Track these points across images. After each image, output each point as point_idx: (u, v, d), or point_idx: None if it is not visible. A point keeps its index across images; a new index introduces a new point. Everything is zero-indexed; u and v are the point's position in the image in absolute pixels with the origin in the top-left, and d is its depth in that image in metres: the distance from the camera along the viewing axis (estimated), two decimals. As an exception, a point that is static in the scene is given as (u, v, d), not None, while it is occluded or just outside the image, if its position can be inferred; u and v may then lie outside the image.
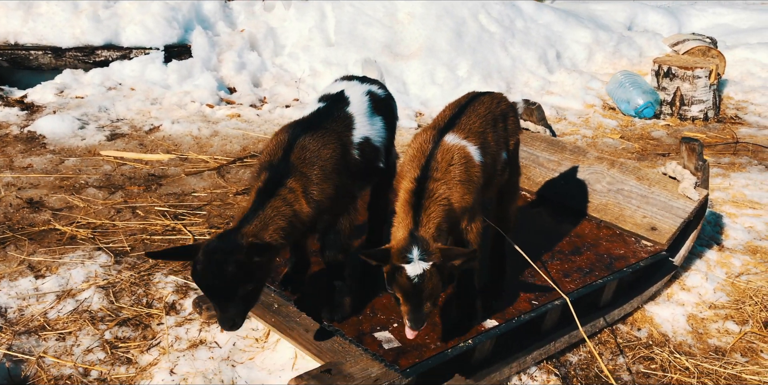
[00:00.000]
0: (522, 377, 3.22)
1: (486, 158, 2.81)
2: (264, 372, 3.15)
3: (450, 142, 2.71)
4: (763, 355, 3.54)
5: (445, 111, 2.96)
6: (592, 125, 7.03)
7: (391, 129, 3.10)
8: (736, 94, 8.03)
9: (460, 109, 2.90)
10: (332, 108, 2.83)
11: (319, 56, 7.46)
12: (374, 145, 2.92)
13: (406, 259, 2.40)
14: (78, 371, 3.13)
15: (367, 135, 2.87)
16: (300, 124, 2.72)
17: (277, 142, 2.65)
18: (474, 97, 3.00)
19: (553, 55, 8.20)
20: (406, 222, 2.52)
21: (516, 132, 3.12)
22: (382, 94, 3.08)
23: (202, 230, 4.38)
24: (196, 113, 6.46)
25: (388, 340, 2.67)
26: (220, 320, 2.42)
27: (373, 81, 3.13)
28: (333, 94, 2.89)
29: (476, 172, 2.75)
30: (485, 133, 2.85)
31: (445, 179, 2.61)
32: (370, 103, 2.93)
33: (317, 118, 2.76)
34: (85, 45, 6.96)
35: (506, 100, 3.08)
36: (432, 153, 2.65)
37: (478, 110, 2.91)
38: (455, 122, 2.81)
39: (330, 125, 2.74)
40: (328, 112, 2.81)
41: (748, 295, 3.99)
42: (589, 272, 3.29)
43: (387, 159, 3.09)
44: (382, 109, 3.00)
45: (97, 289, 3.69)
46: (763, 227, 4.79)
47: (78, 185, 4.99)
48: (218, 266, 2.33)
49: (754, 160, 6.23)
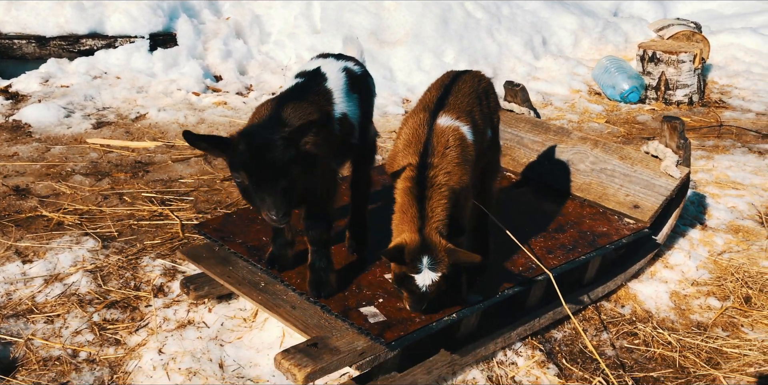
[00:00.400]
0: (507, 353, 3.27)
1: (477, 137, 2.85)
2: (252, 351, 3.18)
3: (443, 125, 2.73)
4: (744, 329, 3.60)
5: (431, 91, 2.97)
6: (578, 110, 7.07)
7: (369, 106, 3.12)
8: (720, 79, 8.10)
9: (446, 89, 2.91)
10: (311, 83, 2.84)
11: (305, 44, 7.46)
12: (351, 121, 2.94)
13: (416, 269, 2.49)
14: (66, 353, 3.15)
15: (345, 111, 2.89)
16: (281, 98, 2.73)
17: (259, 116, 2.67)
18: (456, 76, 3.02)
19: (539, 41, 8.23)
20: (410, 214, 2.56)
21: (497, 109, 3.15)
22: (359, 70, 3.10)
23: (189, 216, 4.39)
24: (182, 101, 6.45)
25: (373, 314, 2.70)
26: (271, 207, 2.33)
27: (349, 58, 3.14)
28: (310, 71, 2.91)
29: (471, 152, 2.79)
30: (473, 112, 2.89)
31: (443, 165, 2.64)
32: (347, 79, 2.95)
33: (298, 92, 2.77)
34: (70, 34, 6.92)
35: (486, 78, 3.11)
36: (428, 137, 2.67)
37: (463, 89, 2.94)
38: (444, 103, 2.83)
39: (311, 98, 2.76)
40: (307, 86, 2.82)
41: (730, 272, 4.05)
42: (572, 249, 3.33)
43: (365, 136, 3.10)
44: (359, 86, 3.02)
45: (84, 273, 3.70)
46: (745, 206, 4.85)
47: (65, 173, 4.98)
48: (269, 144, 2.31)
49: (737, 143, 6.29)
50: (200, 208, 4.52)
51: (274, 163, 2.33)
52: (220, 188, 4.84)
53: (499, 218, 3.35)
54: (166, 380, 2.98)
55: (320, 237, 2.81)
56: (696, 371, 3.28)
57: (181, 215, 4.40)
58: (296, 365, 2.45)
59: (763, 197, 5.02)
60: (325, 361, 2.48)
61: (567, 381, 3.16)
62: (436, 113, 2.77)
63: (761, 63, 8.38)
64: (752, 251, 4.28)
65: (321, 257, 2.81)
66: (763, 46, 8.49)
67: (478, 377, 3.11)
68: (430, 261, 2.50)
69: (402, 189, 2.62)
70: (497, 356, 3.24)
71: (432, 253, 2.50)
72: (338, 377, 3.01)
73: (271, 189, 2.34)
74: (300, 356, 2.49)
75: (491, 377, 3.14)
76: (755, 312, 3.71)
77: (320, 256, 2.81)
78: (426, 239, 2.51)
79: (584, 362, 3.31)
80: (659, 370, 3.29)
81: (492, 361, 3.21)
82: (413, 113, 2.84)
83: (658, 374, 3.26)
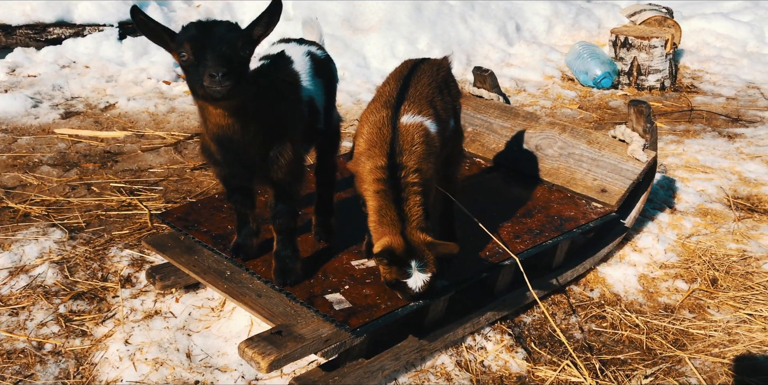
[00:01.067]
0: (476, 337, 3.28)
1: (440, 128, 2.82)
2: (220, 340, 3.16)
3: (407, 122, 2.69)
4: (710, 311, 3.65)
5: (389, 84, 2.89)
6: (551, 96, 7.09)
7: (332, 91, 3.09)
8: (692, 64, 8.15)
9: (405, 81, 2.86)
10: (277, 65, 2.81)
11: (278, 31, 7.35)
12: (317, 106, 2.91)
13: (406, 274, 2.53)
14: (32, 345, 3.11)
15: (312, 95, 2.87)
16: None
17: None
18: (414, 66, 2.96)
19: (512, 27, 8.22)
20: (390, 217, 2.57)
21: (458, 96, 3.13)
22: (322, 55, 3.07)
23: (158, 205, 4.35)
24: (153, 90, 6.37)
25: (339, 301, 2.70)
26: (214, 64, 2.18)
27: (312, 43, 3.11)
28: (274, 54, 2.87)
29: (435, 144, 2.78)
30: (435, 103, 2.85)
31: (411, 163, 2.63)
32: (311, 63, 2.92)
33: (264, 75, 2.74)
34: (37, 22, 6.80)
35: (444, 65, 3.06)
36: (393, 137, 2.64)
37: (423, 80, 2.88)
38: (404, 96, 2.78)
39: (279, 81, 2.73)
40: (273, 68, 2.78)
41: (697, 254, 4.09)
42: (539, 233, 3.34)
43: (329, 121, 3.08)
44: (322, 71, 2.99)
45: (51, 264, 3.66)
46: (714, 190, 4.90)
47: (32, 164, 4.91)
48: (219, 22, 2.30)
49: (708, 127, 6.34)
50: (169, 197, 4.48)
51: (223, 35, 2.25)
52: (190, 178, 4.79)
53: (468, 203, 3.35)
54: (133, 371, 2.95)
55: (286, 225, 2.79)
56: (662, 353, 3.32)
57: (150, 204, 4.36)
58: (260, 353, 2.44)
59: (732, 180, 5.07)
60: (290, 349, 2.47)
61: (535, 365, 3.18)
62: (398, 109, 2.72)
63: (732, 48, 8.44)
64: (720, 234, 4.33)
65: (287, 245, 2.80)
66: (733, 31, 8.55)
67: (447, 362, 3.12)
68: (419, 264, 2.54)
69: (375, 192, 2.61)
70: (466, 340, 3.25)
71: (419, 255, 2.53)
72: (306, 365, 3.01)
73: (215, 51, 2.22)
74: (264, 344, 2.48)
75: (460, 362, 3.15)
76: (721, 294, 3.75)
77: (286, 244, 2.79)
78: (409, 240, 2.54)
79: (553, 346, 3.33)
80: (627, 352, 3.32)
81: (461, 346, 3.22)
82: (374, 110, 2.78)
83: (626, 356, 3.29)
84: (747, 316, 3.57)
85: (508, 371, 3.14)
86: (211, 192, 4.52)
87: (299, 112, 2.78)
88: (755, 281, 3.86)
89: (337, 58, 7.34)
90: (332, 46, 7.20)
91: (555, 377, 3.10)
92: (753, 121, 6.54)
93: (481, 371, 3.12)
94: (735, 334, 3.45)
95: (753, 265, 4.02)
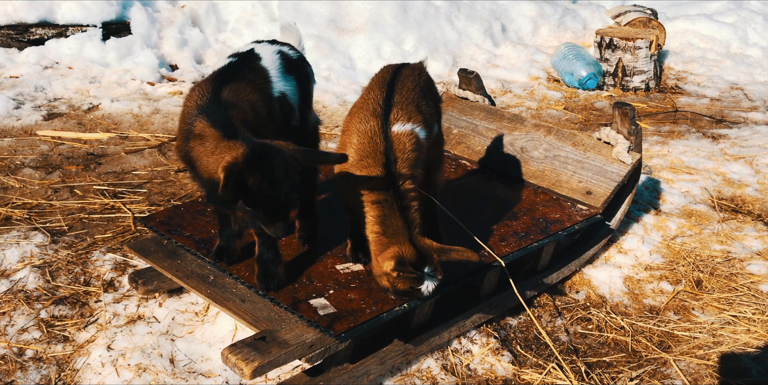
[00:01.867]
0: (462, 341, 3.27)
1: (427, 133, 2.85)
2: (204, 345, 3.14)
3: (399, 131, 2.71)
4: (695, 312, 3.66)
5: (373, 91, 2.87)
6: (537, 97, 7.10)
7: (306, 90, 3.06)
8: (676, 65, 8.19)
9: (389, 87, 2.84)
10: (245, 62, 2.80)
11: (263, 32, 7.35)
12: (290, 102, 2.89)
13: (420, 280, 2.56)
14: (12, 351, 3.07)
15: (284, 90, 2.85)
16: (217, 78, 2.68)
17: (198, 94, 2.60)
18: (396, 71, 2.94)
19: (498, 28, 8.23)
20: (396, 226, 2.60)
21: (440, 100, 3.13)
22: (295, 55, 3.04)
23: (142, 208, 4.31)
24: (137, 91, 6.32)
25: (323, 306, 2.68)
26: (280, 230, 2.42)
27: (285, 44, 3.09)
28: (243, 52, 2.86)
29: (424, 150, 2.83)
30: (421, 108, 2.85)
31: (406, 171, 2.67)
32: (282, 61, 2.90)
33: (233, 70, 2.72)
34: (18, 23, 6.73)
35: (424, 70, 3.06)
36: (387, 147, 2.67)
37: (407, 85, 2.87)
38: (392, 104, 2.77)
39: (248, 76, 2.72)
40: (241, 65, 2.77)
41: (682, 256, 4.11)
42: (524, 236, 3.34)
43: (304, 120, 3.06)
44: (294, 70, 2.96)
45: (32, 268, 3.62)
46: (699, 191, 4.93)
47: (13, 166, 4.85)
48: (286, 168, 2.34)
49: (692, 128, 6.38)
50: (153, 200, 4.44)
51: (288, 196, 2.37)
52: (174, 180, 4.76)
53: (453, 206, 3.34)
54: (115, 377, 2.92)
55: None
56: (648, 355, 3.33)
57: (133, 207, 4.32)
58: (243, 359, 2.42)
59: (716, 181, 5.10)
60: (274, 354, 2.45)
61: (521, 368, 3.18)
62: (387, 118, 2.72)
63: (716, 49, 8.50)
64: (704, 235, 4.35)
65: (269, 249, 2.77)
66: (717, 32, 8.61)
67: (433, 366, 3.12)
68: (430, 269, 2.58)
69: (374, 202, 2.62)
70: (452, 344, 3.24)
71: (429, 261, 2.57)
72: (291, 370, 2.99)
73: (282, 214, 2.40)
74: (247, 350, 2.45)
75: (446, 365, 3.14)
76: (706, 295, 3.77)
77: (268, 248, 2.77)
78: (419, 247, 2.58)
79: (538, 349, 3.33)
80: (612, 354, 3.33)
81: (447, 349, 3.21)
82: (362, 120, 2.75)
83: (611, 358, 3.30)
84: (731, 317, 3.59)
85: (494, 375, 3.13)
86: (195, 195, 4.48)
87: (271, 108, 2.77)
88: (739, 283, 3.88)
89: (323, 60, 7.36)
90: (318, 48, 7.17)
91: (541, 380, 3.10)
92: (737, 122, 6.58)
93: (467, 375, 3.12)
94: (719, 335, 3.46)
95: (737, 266, 4.04)
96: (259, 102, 2.69)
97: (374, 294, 2.77)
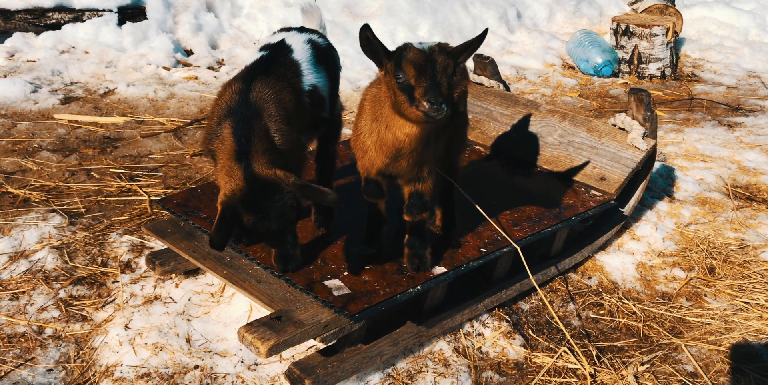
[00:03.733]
0: (474, 324, 3.30)
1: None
2: (219, 325, 3.18)
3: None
4: (707, 299, 3.66)
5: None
6: (552, 84, 7.07)
7: (335, 79, 3.08)
8: (693, 52, 8.12)
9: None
10: (277, 55, 2.80)
11: (278, 17, 7.36)
12: (321, 94, 2.91)
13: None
14: (32, 329, 3.13)
15: (315, 83, 2.86)
16: (247, 74, 2.69)
17: (229, 94, 2.63)
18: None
19: (513, 14, 8.18)
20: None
21: (461, 82, 3.11)
22: (323, 43, 3.05)
23: (158, 191, 4.35)
24: (152, 76, 6.35)
25: (338, 287, 2.71)
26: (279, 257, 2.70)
27: (312, 31, 3.10)
28: (274, 44, 2.86)
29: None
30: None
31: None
32: (312, 51, 2.91)
33: (264, 66, 2.73)
34: (35, 7, 6.77)
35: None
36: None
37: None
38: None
39: (279, 71, 2.73)
40: (272, 59, 2.78)
41: (695, 243, 4.10)
42: (538, 221, 3.35)
43: (332, 110, 3.08)
44: (324, 58, 2.98)
45: (51, 249, 3.67)
46: (713, 179, 4.91)
47: (31, 149, 4.91)
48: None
49: (707, 116, 6.34)
50: (169, 183, 4.48)
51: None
52: (190, 164, 4.79)
53: (467, 190, 3.36)
54: (133, 356, 2.97)
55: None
56: (659, 340, 3.34)
57: (149, 190, 4.36)
58: (259, 338, 2.45)
59: (731, 169, 5.08)
60: (289, 334, 2.49)
61: (533, 351, 3.20)
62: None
63: (733, 37, 8.41)
64: (718, 223, 4.34)
65: (289, 232, 2.79)
66: (735, 19, 8.52)
67: (445, 348, 3.14)
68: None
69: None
70: (464, 327, 3.27)
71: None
72: (305, 350, 3.03)
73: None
74: (263, 329, 2.49)
75: (458, 348, 3.17)
76: (718, 282, 3.77)
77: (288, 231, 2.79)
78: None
79: (550, 333, 3.35)
80: (623, 339, 3.34)
81: (459, 332, 3.24)
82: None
83: (623, 343, 3.31)
84: (744, 304, 3.59)
85: (506, 358, 3.16)
86: (211, 178, 4.52)
87: (301, 103, 2.78)
88: (752, 270, 3.88)
89: (337, 45, 7.30)
90: (333, 33, 7.17)
91: (552, 363, 3.12)
92: (753, 111, 6.53)
93: (479, 358, 3.14)
94: (731, 322, 3.47)
95: (750, 254, 4.03)
96: (290, 98, 2.70)
97: (388, 276, 2.80)
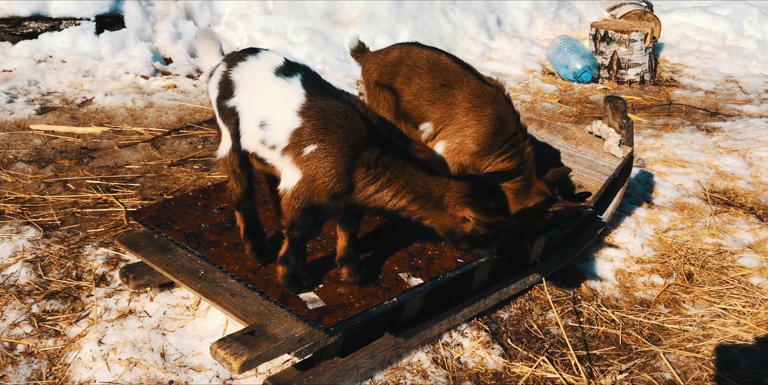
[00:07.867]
0: (452, 334, 3.28)
1: None
2: (195, 339, 3.14)
3: None
4: (685, 305, 3.67)
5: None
6: (532, 90, 7.09)
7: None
8: (671, 58, 8.18)
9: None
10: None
11: (258, 25, 7.33)
12: None
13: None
14: (3, 346, 3.08)
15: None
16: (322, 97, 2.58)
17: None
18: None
19: (493, 21, 8.21)
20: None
21: None
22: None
23: (135, 202, 4.31)
24: (131, 85, 6.31)
25: (312, 300, 2.68)
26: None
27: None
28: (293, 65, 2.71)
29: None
30: None
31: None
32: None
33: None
34: (11, 16, 6.70)
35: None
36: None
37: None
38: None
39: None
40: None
41: (674, 249, 4.12)
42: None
43: None
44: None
45: (24, 263, 3.61)
46: (691, 184, 4.93)
47: (6, 160, 4.85)
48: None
49: (686, 121, 6.38)
50: (146, 194, 4.44)
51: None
52: (167, 174, 4.75)
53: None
54: (106, 371, 2.93)
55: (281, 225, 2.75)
56: (638, 348, 3.34)
57: (126, 202, 4.32)
58: (232, 354, 2.42)
59: (709, 174, 5.11)
60: (262, 349, 2.46)
61: (511, 361, 3.19)
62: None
63: (711, 42, 8.49)
64: (696, 228, 4.36)
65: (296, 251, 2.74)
66: (713, 25, 8.59)
67: (423, 360, 3.13)
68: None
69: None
70: (443, 337, 3.25)
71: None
72: (281, 364, 3.00)
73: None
74: (236, 344, 2.46)
75: (436, 358, 3.15)
76: (696, 288, 3.78)
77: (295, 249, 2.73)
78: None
79: (529, 342, 3.34)
80: (602, 347, 3.34)
81: (437, 343, 3.22)
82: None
83: (601, 351, 3.31)
84: (721, 310, 3.60)
85: (485, 368, 3.14)
86: (189, 189, 4.48)
87: None
88: (730, 276, 3.89)
89: (317, 53, 7.33)
90: (312, 40, 7.15)
91: (531, 373, 3.11)
92: (731, 115, 6.58)
93: (458, 368, 3.13)
94: (709, 328, 3.48)
95: (728, 259, 4.05)
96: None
97: (363, 288, 2.78)
